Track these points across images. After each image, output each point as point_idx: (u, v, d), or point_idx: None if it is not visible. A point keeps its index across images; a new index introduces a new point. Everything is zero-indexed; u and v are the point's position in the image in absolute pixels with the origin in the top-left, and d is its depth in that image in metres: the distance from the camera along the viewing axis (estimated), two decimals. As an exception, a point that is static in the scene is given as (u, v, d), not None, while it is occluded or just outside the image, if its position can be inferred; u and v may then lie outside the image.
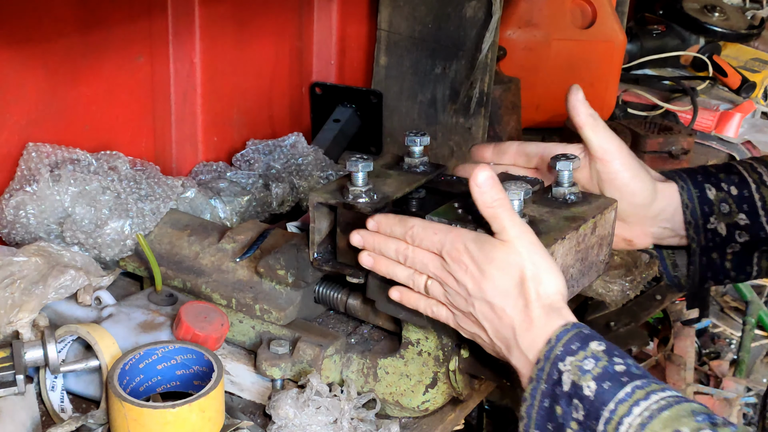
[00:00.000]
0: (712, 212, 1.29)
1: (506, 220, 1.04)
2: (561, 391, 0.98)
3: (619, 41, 2.22)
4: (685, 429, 0.91)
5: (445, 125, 1.86)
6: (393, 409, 1.23)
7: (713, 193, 1.29)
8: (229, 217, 1.60)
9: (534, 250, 1.04)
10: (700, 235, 1.30)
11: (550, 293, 1.04)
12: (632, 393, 0.95)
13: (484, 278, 1.04)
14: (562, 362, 0.99)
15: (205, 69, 1.74)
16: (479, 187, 1.04)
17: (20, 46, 1.43)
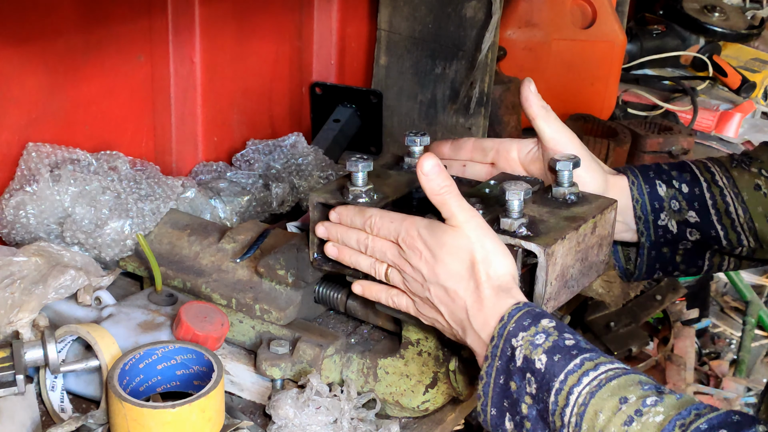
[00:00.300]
0: (662, 208, 1.32)
1: (454, 206, 1.08)
2: (515, 366, 1.01)
3: (619, 41, 2.22)
4: (631, 396, 0.94)
5: (445, 125, 1.86)
6: (393, 409, 1.23)
7: (663, 189, 1.31)
8: (229, 217, 1.60)
9: (483, 234, 1.07)
10: (650, 230, 1.33)
11: (500, 274, 1.07)
12: (581, 364, 0.97)
13: (437, 263, 1.07)
14: (515, 338, 1.01)
15: (205, 69, 1.74)
16: (426, 176, 1.08)
17: (20, 46, 1.43)
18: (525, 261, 1.13)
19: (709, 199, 1.31)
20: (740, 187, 1.31)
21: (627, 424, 0.92)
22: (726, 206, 1.31)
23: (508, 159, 1.33)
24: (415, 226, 1.10)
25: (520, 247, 1.10)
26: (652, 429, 0.91)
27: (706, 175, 1.32)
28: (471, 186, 1.30)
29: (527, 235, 1.11)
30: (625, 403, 0.93)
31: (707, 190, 1.31)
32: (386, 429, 1.18)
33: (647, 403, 0.93)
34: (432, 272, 1.08)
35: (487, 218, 1.14)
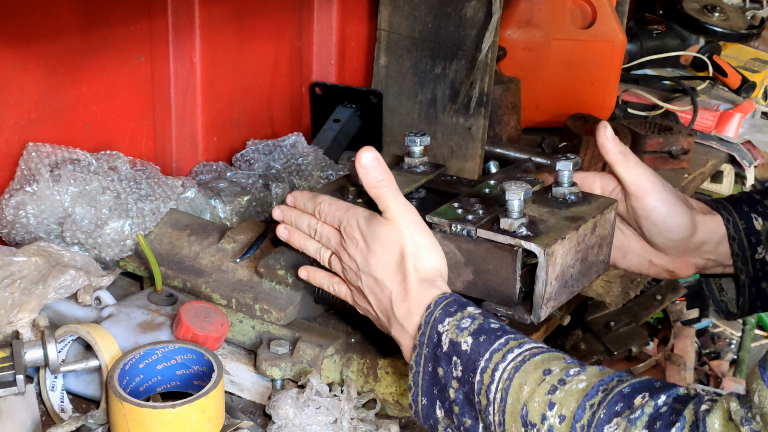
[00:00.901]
0: (759, 242, 1.28)
1: (390, 199, 1.10)
2: (441, 352, 1.02)
3: (619, 41, 2.22)
4: (555, 368, 0.95)
5: (445, 125, 1.86)
6: (393, 409, 1.23)
7: (760, 223, 1.28)
8: (229, 217, 1.60)
9: (416, 229, 1.09)
10: (748, 265, 1.29)
11: (427, 268, 1.09)
12: (506, 343, 0.99)
13: (370, 253, 1.10)
14: (441, 324, 1.03)
15: (205, 69, 1.74)
16: (364, 168, 1.10)
17: (20, 46, 1.43)
18: (525, 261, 1.13)
19: None
20: None
21: (551, 393, 0.93)
22: None
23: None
24: (356, 216, 1.12)
25: (520, 247, 1.10)
26: (575, 395, 0.92)
27: None
28: (471, 186, 1.30)
29: (527, 235, 1.11)
30: (548, 374, 0.95)
31: None
32: (386, 429, 1.18)
33: (570, 373, 0.94)
34: (365, 262, 1.11)
35: (487, 218, 1.14)
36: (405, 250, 1.08)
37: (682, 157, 2.19)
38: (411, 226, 1.09)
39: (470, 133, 1.84)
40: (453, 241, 1.14)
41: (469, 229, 1.12)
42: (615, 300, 1.55)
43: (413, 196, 1.27)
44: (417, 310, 1.06)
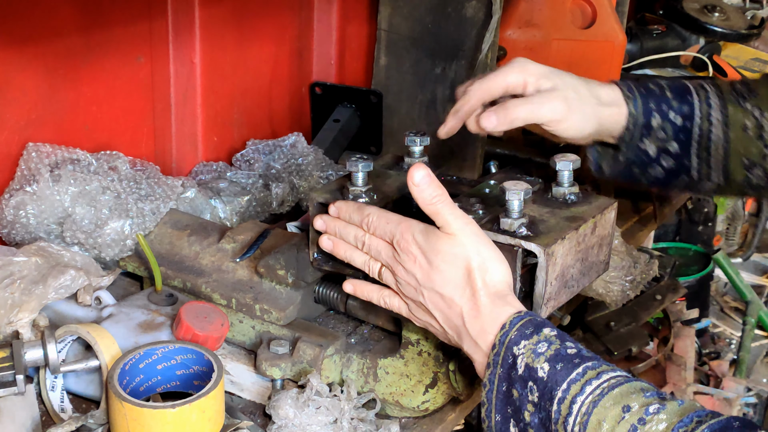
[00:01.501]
0: (648, 134, 1.35)
1: (448, 214, 1.07)
2: (516, 374, 1.01)
3: (619, 41, 2.21)
4: (634, 404, 0.94)
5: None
6: (393, 409, 1.23)
7: (657, 121, 1.34)
8: (229, 217, 1.60)
9: (479, 241, 1.07)
10: (629, 150, 1.36)
11: (496, 281, 1.07)
12: (584, 373, 0.97)
13: (432, 269, 1.07)
14: (516, 346, 1.01)
15: (205, 69, 1.74)
16: (418, 186, 1.07)
17: (20, 47, 1.43)
18: (525, 261, 1.13)
19: (696, 134, 1.34)
20: (729, 125, 1.34)
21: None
22: (709, 143, 1.34)
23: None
24: (411, 231, 1.09)
25: (520, 247, 1.10)
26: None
27: (704, 108, 1.34)
28: (471, 186, 1.30)
29: (527, 235, 1.11)
30: (628, 411, 0.93)
31: (698, 126, 1.34)
32: (386, 429, 1.18)
33: (650, 411, 0.93)
34: (427, 278, 1.08)
35: (487, 218, 1.14)
36: (471, 264, 1.06)
37: (682, 157, 2.18)
38: (474, 239, 1.07)
39: (470, 133, 1.84)
40: (453, 241, 1.14)
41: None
42: (615, 300, 1.55)
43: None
44: (491, 327, 1.04)
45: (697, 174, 1.37)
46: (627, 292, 1.55)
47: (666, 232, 3.27)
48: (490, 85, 1.30)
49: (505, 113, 1.29)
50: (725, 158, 1.35)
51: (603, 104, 1.34)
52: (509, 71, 1.31)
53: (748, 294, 3.34)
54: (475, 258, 1.06)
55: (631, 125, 1.34)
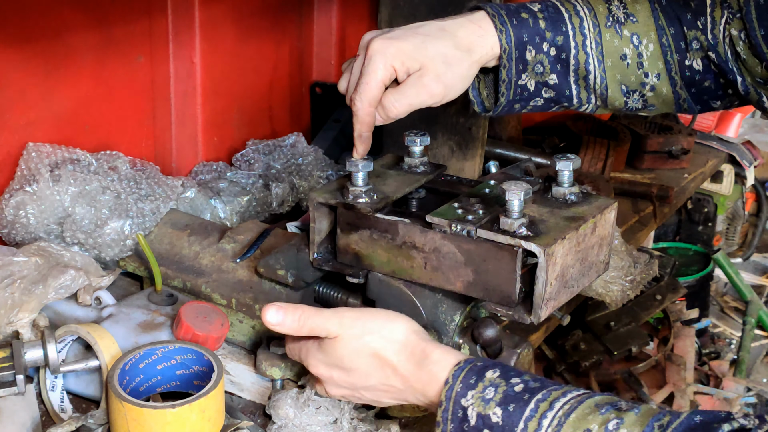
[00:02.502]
0: (525, 70, 1.31)
1: (321, 324, 1.09)
2: (469, 426, 1.00)
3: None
4: (593, 425, 0.93)
5: (445, 125, 1.86)
6: (393, 409, 1.23)
7: (532, 54, 1.30)
8: (229, 217, 1.60)
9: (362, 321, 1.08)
10: (511, 89, 1.32)
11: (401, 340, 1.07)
12: (536, 408, 0.96)
13: (350, 374, 1.09)
14: (464, 398, 1.00)
15: (205, 69, 1.74)
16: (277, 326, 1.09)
17: (21, 47, 1.43)
18: (525, 261, 1.13)
19: (573, 64, 1.31)
20: (606, 53, 1.30)
21: None
22: (587, 74, 1.31)
23: None
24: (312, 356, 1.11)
25: (520, 247, 1.10)
26: None
27: (579, 38, 1.30)
28: (471, 186, 1.30)
29: (527, 235, 1.11)
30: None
31: (574, 56, 1.31)
32: (386, 429, 1.18)
33: (609, 428, 0.92)
34: (352, 383, 1.10)
35: (487, 218, 1.14)
36: (372, 347, 1.07)
37: (682, 156, 2.19)
38: (356, 324, 1.08)
39: (470, 133, 1.84)
40: (453, 241, 1.14)
41: (469, 229, 1.12)
42: (615, 300, 1.55)
43: (413, 196, 1.27)
44: (430, 387, 1.05)
45: (577, 100, 1.34)
46: (627, 292, 1.55)
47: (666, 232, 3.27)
48: (372, 96, 1.26)
49: (387, 114, 1.28)
50: (604, 85, 1.32)
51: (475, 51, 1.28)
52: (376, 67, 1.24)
53: (748, 294, 3.34)
54: (371, 338, 1.07)
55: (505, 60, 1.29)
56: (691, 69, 1.29)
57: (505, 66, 1.29)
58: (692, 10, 1.27)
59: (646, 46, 1.30)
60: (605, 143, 2.04)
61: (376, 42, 1.25)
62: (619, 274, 1.54)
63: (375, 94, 1.25)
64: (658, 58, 1.30)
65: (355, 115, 1.27)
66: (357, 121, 1.27)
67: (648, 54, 1.30)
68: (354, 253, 1.19)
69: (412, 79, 1.25)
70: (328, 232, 1.24)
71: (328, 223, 1.23)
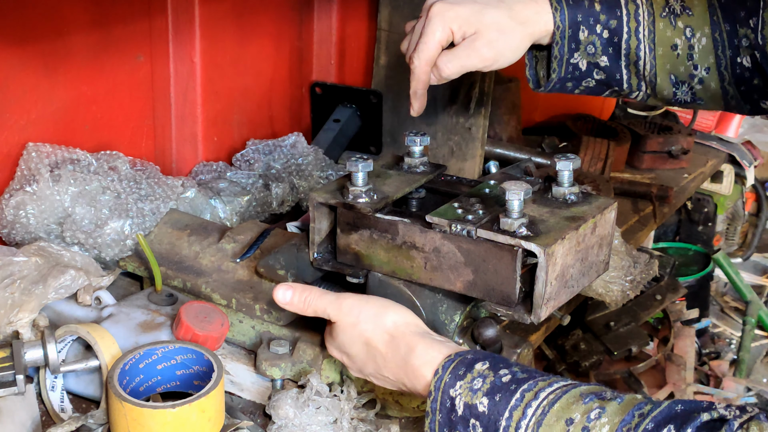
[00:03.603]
0: (578, 49, 1.35)
1: (320, 307, 1.12)
2: (456, 416, 1.01)
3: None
4: (575, 414, 0.94)
5: (445, 125, 1.86)
6: (393, 409, 1.23)
7: (585, 35, 1.35)
8: (229, 217, 1.60)
9: (359, 308, 1.11)
10: (562, 66, 1.37)
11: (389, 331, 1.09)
12: (522, 398, 0.97)
13: (351, 359, 1.12)
14: (452, 389, 1.02)
15: (205, 69, 1.74)
16: (286, 305, 1.14)
17: (21, 46, 1.43)
18: (525, 261, 1.13)
19: (624, 48, 1.35)
20: (658, 42, 1.34)
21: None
22: (637, 59, 1.35)
23: None
24: (327, 335, 1.15)
25: (520, 247, 1.10)
26: None
27: (632, 24, 1.34)
28: (471, 186, 1.30)
29: (527, 235, 1.11)
30: (571, 424, 0.93)
31: (626, 41, 1.34)
32: (386, 429, 1.18)
33: (591, 417, 0.93)
34: (358, 369, 1.13)
35: (487, 218, 1.14)
36: (365, 336, 1.09)
37: (682, 156, 2.19)
38: (352, 312, 1.11)
39: (470, 133, 1.84)
40: (453, 241, 1.14)
41: (469, 229, 1.12)
42: (615, 300, 1.55)
43: (413, 196, 1.27)
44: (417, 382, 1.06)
45: (627, 85, 1.38)
46: (627, 292, 1.55)
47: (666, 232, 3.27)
48: (429, 55, 1.34)
49: (440, 73, 1.35)
50: (653, 74, 1.35)
51: (529, 25, 1.34)
52: (435, 29, 1.32)
53: (748, 294, 3.34)
54: (365, 327, 1.10)
55: (558, 38, 1.35)
56: (741, 66, 1.31)
57: (558, 43, 1.35)
58: (747, 8, 1.30)
59: (699, 39, 1.33)
60: (605, 143, 2.04)
61: (437, 6, 1.33)
62: (619, 274, 1.54)
63: (432, 54, 1.34)
64: (709, 52, 1.32)
65: (413, 72, 1.36)
66: (414, 78, 1.36)
67: (700, 47, 1.33)
68: (354, 253, 1.19)
69: (466, 43, 1.33)
70: (328, 232, 1.24)
71: (328, 223, 1.23)
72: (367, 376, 1.13)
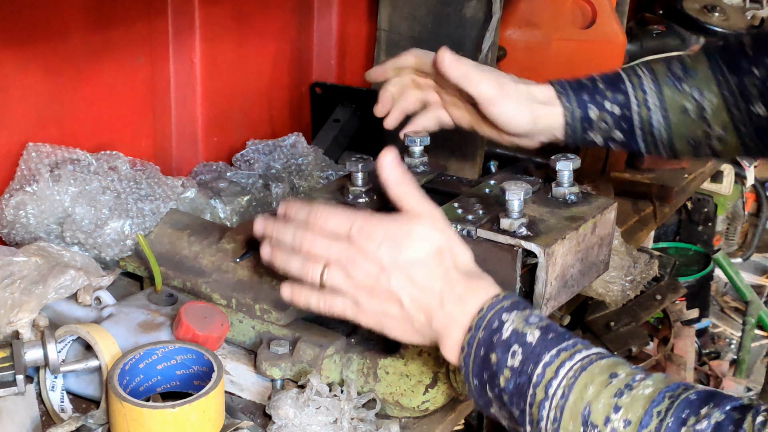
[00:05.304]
0: (591, 128, 1.35)
1: (416, 197, 1.06)
2: (499, 339, 0.99)
3: (619, 41, 2.21)
4: (621, 373, 0.94)
5: (445, 125, 1.86)
6: (393, 409, 1.23)
7: (595, 112, 1.34)
8: (229, 217, 1.60)
9: (445, 225, 1.06)
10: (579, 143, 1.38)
11: (465, 262, 1.06)
12: (574, 345, 0.97)
13: (401, 249, 1.04)
14: (507, 313, 1.00)
15: (205, 69, 1.74)
16: (386, 169, 1.06)
17: (21, 47, 1.43)
18: (525, 261, 1.13)
19: (638, 121, 1.34)
20: (668, 109, 1.34)
21: (617, 396, 0.92)
22: (651, 128, 1.34)
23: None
24: (373, 216, 1.06)
25: (520, 247, 1.10)
26: (642, 401, 0.91)
27: (639, 95, 1.34)
28: (471, 186, 1.30)
29: (527, 235, 1.11)
30: (615, 377, 0.94)
31: (637, 113, 1.34)
32: (386, 429, 1.18)
33: (636, 378, 0.94)
34: (395, 258, 1.04)
35: (487, 218, 1.14)
36: (441, 245, 1.04)
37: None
38: (442, 223, 1.06)
39: (470, 133, 1.84)
40: (453, 241, 1.14)
41: (469, 229, 1.12)
42: (615, 300, 1.55)
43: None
44: (472, 300, 1.02)
45: (646, 152, 1.39)
46: (627, 292, 1.55)
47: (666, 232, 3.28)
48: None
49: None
50: (670, 140, 1.35)
51: (538, 102, 1.35)
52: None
53: (748, 294, 3.34)
54: (444, 239, 1.05)
55: (569, 119, 1.35)
56: (757, 116, 1.30)
57: (569, 124, 1.34)
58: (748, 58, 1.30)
59: (709, 99, 1.32)
60: (605, 143, 2.04)
61: None
62: (619, 274, 1.53)
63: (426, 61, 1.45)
64: (721, 110, 1.32)
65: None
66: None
67: (711, 107, 1.32)
68: (354, 253, 1.19)
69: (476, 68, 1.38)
70: (328, 232, 1.23)
71: (328, 223, 1.23)
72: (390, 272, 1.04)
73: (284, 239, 1.10)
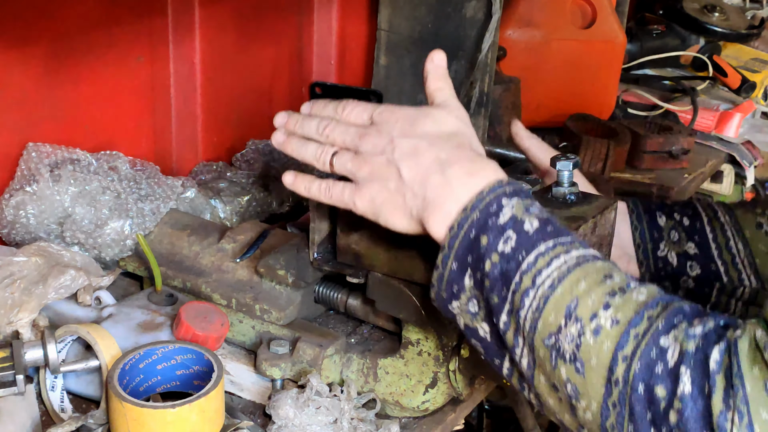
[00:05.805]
0: (661, 238, 1.31)
1: (447, 94, 1.06)
2: (495, 222, 0.94)
3: (619, 41, 2.22)
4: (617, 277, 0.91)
5: (445, 125, 1.86)
6: (393, 409, 1.23)
7: (663, 220, 1.31)
8: (229, 217, 1.60)
9: (467, 121, 1.05)
10: (650, 259, 1.32)
11: (478, 148, 1.03)
12: (572, 242, 0.94)
13: (415, 124, 1.01)
14: (507, 198, 0.96)
15: (205, 69, 1.74)
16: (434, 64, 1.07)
17: (21, 47, 1.43)
18: (525, 261, 1.13)
19: (710, 232, 1.30)
20: (742, 225, 1.30)
21: (610, 296, 0.89)
22: (726, 240, 1.29)
23: None
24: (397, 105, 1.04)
25: (520, 247, 1.10)
26: (634, 304, 0.88)
27: (708, 211, 1.31)
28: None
29: (527, 235, 1.11)
30: (609, 279, 0.90)
31: (708, 224, 1.30)
32: (386, 429, 1.18)
33: (631, 285, 0.90)
34: (405, 131, 1.01)
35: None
36: (457, 130, 1.01)
37: (682, 157, 2.19)
38: (466, 119, 1.03)
39: (470, 133, 1.85)
40: (453, 241, 1.14)
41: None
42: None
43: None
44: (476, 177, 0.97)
45: (727, 279, 1.30)
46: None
47: (666, 232, 3.27)
48: None
49: None
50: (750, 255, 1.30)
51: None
52: None
53: (748, 294, 3.34)
54: (464, 127, 1.02)
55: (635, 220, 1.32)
56: None
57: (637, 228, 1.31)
58: None
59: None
60: (605, 143, 2.04)
61: None
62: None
63: None
64: None
65: None
66: None
67: None
68: (354, 253, 1.19)
69: None
70: (328, 232, 1.24)
71: (328, 223, 1.23)
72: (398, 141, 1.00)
73: (305, 130, 1.09)
